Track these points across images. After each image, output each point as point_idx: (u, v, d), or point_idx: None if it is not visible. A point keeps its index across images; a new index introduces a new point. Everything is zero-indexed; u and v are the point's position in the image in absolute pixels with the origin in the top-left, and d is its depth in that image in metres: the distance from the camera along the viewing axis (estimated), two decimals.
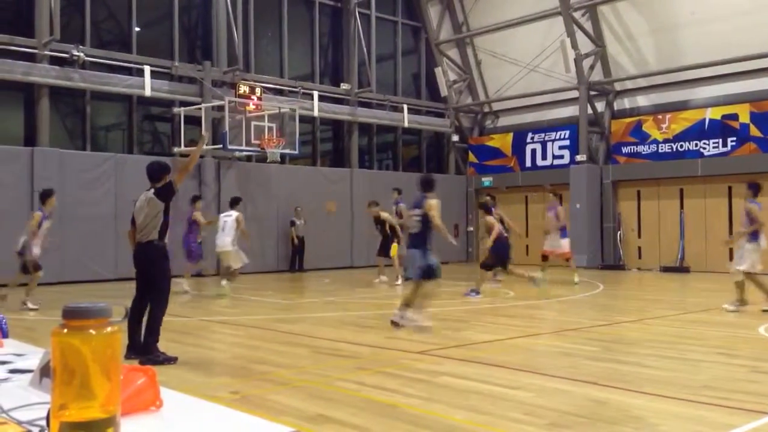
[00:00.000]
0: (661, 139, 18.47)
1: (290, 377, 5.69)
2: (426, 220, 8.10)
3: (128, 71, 16.22)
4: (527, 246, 20.95)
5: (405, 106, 21.39)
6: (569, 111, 20.35)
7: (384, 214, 14.45)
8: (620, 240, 19.31)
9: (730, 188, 17.40)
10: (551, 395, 5.04)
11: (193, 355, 6.25)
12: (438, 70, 22.35)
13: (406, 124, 21.40)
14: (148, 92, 16.09)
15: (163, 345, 6.25)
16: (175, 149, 16.54)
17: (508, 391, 5.16)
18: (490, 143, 22.53)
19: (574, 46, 19.20)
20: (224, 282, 12.20)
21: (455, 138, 22.87)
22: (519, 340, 7.69)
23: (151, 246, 6.27)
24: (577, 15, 19.29)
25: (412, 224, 8.30)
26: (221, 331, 8.27)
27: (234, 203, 12.46)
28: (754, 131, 16.73)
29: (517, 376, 5.66)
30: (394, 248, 14.29)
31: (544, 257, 13.94)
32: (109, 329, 1.38)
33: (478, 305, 10.84)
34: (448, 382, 5.48)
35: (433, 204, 8.15)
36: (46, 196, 10.34)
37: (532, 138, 21.34)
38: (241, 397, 5.01)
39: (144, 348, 6.04)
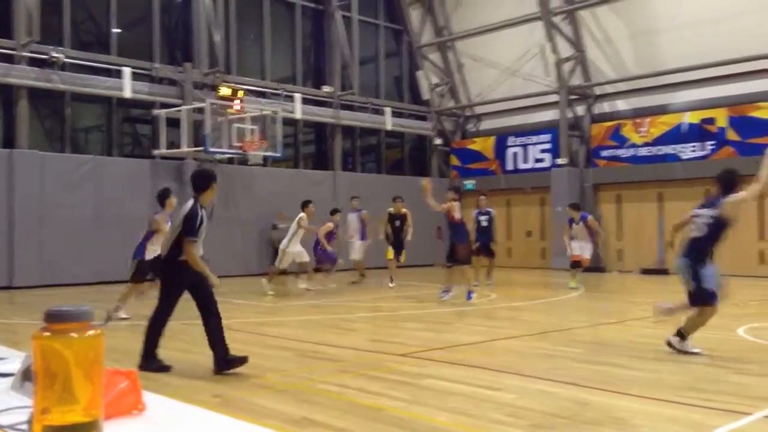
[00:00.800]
0: (640, 143, 18.65)
1: (274, 380, 5.66)
2: (718, 226, 6.57)
3: (108, 73, 16.09)
4: (510, 248, 21.05)
5: (388, 109, 21.42)
6: (550, 115, 20.49)
7: (407, 212, 14.37)
8: (601, 242, 19.44)
9: (708, 191, 17.59)
10: (534, 397, 5.06)
11: (176, 358, 6.20)
12: (420, 74, 22.39)
13: (388, 127, 21.43)
14: (127, 94, 15.97)
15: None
16: (156, 152, 16.42)
17: (491, 392, 5.17)
18: (472, 146, 22.62)
19: (555, 50, 19.35)
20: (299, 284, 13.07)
21: (438, 141, 22.93)
22: (502, 342, 7.71)
23: (161, 260, 6.21)
24: (557, 20, 19.44)
25: (696, 227, 6.70)
26: (204, 334, 8.20)
27: (303, 205, 13.13)
28: (732, 135, 16.95)
29: (500, 378, 5.67)
30: (390, 252, 14.26)
31: (578, 263, 13.67)
32: (91, 333, 1.37)
33: (462, 307, 10.84)
34: (432, 384, 5.49)
35: (740, 197, 6.58)
36: (164, 197, 9.62)
37: (514, 141, 21.45)
38: (225, 401, 4.98)
39: (142, 354, 5.99)
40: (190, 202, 6.14)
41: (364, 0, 21.20)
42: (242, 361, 5.90)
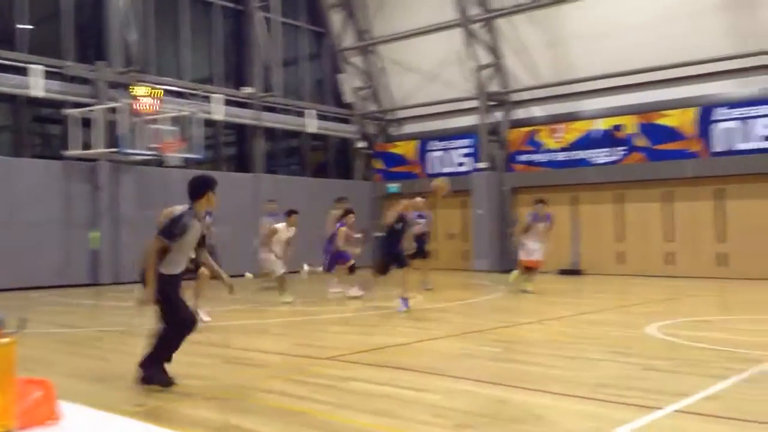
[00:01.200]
0: (555, 148, 19.31)
1: (199, 388, 5.51)
2: None
3: (15, 70, 15.33)
4: (433, 251, 21.29)
5: (310, 112, 21.32)
6: (471, 120, 20.90)
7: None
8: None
9: (619, 195, 18.43)
10: (458, 396, 5.14)
11: (94, 366, 5.95)
12: (342, 77, 22.41)
13: (311, 130, 21.33)
14: (36, 92, 15.27)
15: (62, 358, 5.93)
16: (66, 152, 15.76)
17: (416, 393, 5.22)
18: (395, 150, 22.82)
19: (473, 57, 19.77)
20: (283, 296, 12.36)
21: (361, 144, 23.01)
22: (425, 343, 7.79)
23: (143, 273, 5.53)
24: (475, 27, 19.88)
25: None
26: (123, 342, 7.93)
27: (288, 213, 12.47)
28: (641, 141, 17.78)
29: (424, 379, 5.73)
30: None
31: (530, 268, 13.25)
32: (2, 341, 1.31)
33: (388, 309, 10.87)
34: (357, 387, 5.49)
35: None
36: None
37: (436, 146, 21.79)
38: (147, 410, 4.81)
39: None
40: (185, 207, 5.58)
41: (286, 1, 21.05)
42: (167, 383, 5.47)
